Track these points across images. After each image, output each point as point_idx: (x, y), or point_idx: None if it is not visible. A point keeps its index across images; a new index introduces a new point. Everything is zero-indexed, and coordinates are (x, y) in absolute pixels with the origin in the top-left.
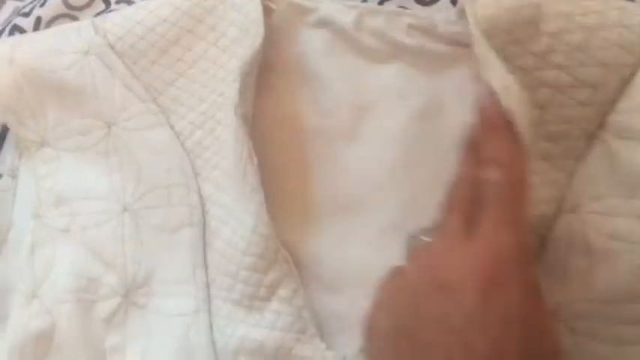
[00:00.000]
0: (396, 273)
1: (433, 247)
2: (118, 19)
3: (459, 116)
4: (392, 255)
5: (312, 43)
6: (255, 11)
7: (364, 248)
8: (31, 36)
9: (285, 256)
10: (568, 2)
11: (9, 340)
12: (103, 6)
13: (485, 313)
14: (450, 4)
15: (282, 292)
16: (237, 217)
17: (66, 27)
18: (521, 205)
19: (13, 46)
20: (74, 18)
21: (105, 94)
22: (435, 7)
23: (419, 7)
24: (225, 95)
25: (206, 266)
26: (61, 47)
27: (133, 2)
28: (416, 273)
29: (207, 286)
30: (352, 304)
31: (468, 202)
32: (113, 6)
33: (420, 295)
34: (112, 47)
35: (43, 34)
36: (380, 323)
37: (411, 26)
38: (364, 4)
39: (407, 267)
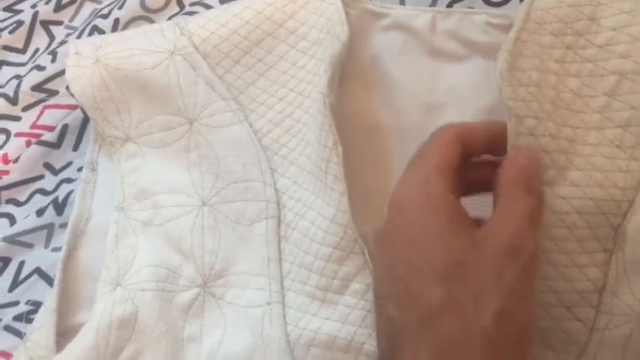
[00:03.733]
0: None
1: None
2: (202, 21)
3: None
4: None
5: (385, 45)
6: (338, 14)
7: None
8: (114, 37)
9: (362, 247)
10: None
11: (94, 326)
12: (177, 8)
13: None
14: (520, 4)
15: (356, 285)
16: (316, 208)
17: (147, 29)
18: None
19: (98, 47)
20: (150, 20)
21: (188, 92)
22: (504, 7)
23: (488, 8)
24: (305, 94)
25: (280, 259)
26: (145, 48)
27: (207, 4)
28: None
29: (282, 278)
30: None
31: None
32: (187, 8)
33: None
34: (196, 48)
35: (126, 36)
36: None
37: (488, 23)
38: (437, 8)
39: None
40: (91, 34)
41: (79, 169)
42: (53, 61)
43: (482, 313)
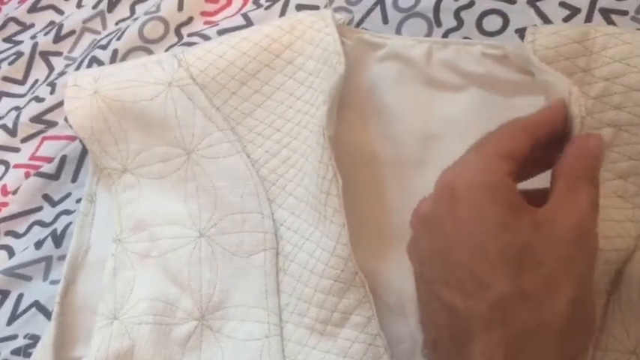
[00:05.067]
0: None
1: None
2: (200, 52)
3: None
4: None
5: (382, 75)
6: (334, 44)
7: None
8: (112, 69)
9: (362, 280)
10: (628, 39)
11: None
12: (175, 39)
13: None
14: (515, 34)
15: (356, 318)
16: (315, 240)
17: (145, 60)
18: (510, 141)
19: (96, 79)
20: (149, 50)
21: (185, 124)
22: (499, 37)
23: (483, 38)
24: (302, 125)
25: (279, 291)
26: (143, 79)
27: (205, 35)
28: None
29: (280, 311)
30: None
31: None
32: (186, 38)
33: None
34: (194, 79)
35: (124, 67)
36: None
37: (483, 54)
38: (433, 39)
39: None
40: (89, 64)
41: (78, 201)
42: (52, 92)
43: (555, 302)
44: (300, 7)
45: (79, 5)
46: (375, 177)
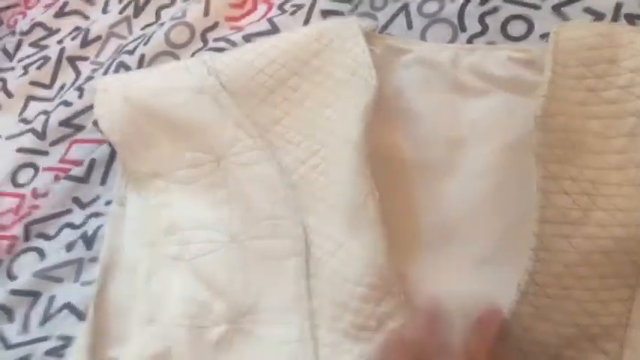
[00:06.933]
0: None
1: None
2: (229, 60)
3: None
4: (485, 286)
5: (408, 80)
6: (363, 55)
7: (459, 279)
8: (141, 74)
9: (399, 289)
10: None
11: None
12: (201, 44)
13: None
14: (539, 40)
15: (392, 324)
16: (349, 247)
17: (173, 66)
18: None
19: (126, 85)
20: (175, 55)
21: (216, 130)
22: (523, 42)
23: (508, 43)
24: (331, 133)
25: (310, 295)
26: (173, 85)
27: (231, 40)
28: None
29: (311, 315)
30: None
31: None
32: (211, 43)
33: None
34: (224, 87)
35: (153, 73)
36: None
37: (510, 58)
38: (459, 45)
39: None
40: (117, 69)
41: (107, 203)
42: (80, 96)
43: None
44: (325, 13)
45: (104, 10)
46: (402, 180)
